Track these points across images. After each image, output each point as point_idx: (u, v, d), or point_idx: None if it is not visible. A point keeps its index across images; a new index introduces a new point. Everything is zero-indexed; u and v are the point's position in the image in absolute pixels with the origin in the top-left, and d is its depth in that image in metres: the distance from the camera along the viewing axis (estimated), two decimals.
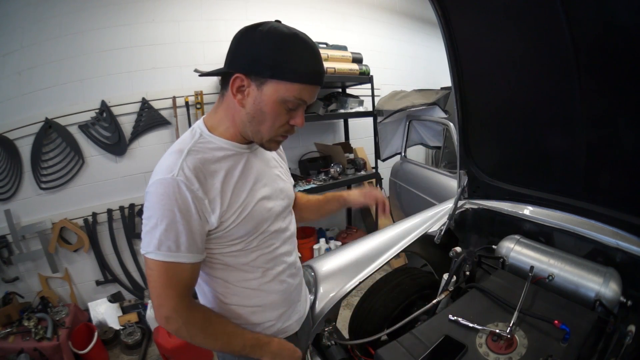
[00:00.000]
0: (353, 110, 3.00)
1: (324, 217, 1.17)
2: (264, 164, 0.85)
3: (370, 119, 3.07)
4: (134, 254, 2.61)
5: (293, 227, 0.96)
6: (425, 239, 1.46)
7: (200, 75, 0.82)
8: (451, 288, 1.13)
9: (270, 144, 0.77)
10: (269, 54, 0.66)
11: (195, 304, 0.77)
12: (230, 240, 0.77)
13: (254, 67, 0.67)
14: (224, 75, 0.73)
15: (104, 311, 2.41)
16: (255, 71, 0.67)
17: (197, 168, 0.70)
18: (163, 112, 2.54)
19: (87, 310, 2.41)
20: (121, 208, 2.50)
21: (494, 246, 1.26)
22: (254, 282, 0.84)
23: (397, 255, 1.37)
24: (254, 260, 0.82)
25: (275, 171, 0.89)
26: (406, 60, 4.10)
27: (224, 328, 0.79)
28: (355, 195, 1.12)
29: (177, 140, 0.77)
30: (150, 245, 0.68)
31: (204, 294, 0.87)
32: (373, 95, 3.02)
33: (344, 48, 2.96)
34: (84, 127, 2.33)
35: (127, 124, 2.45)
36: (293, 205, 0.97)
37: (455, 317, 0.90)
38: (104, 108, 2.35)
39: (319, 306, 1.16)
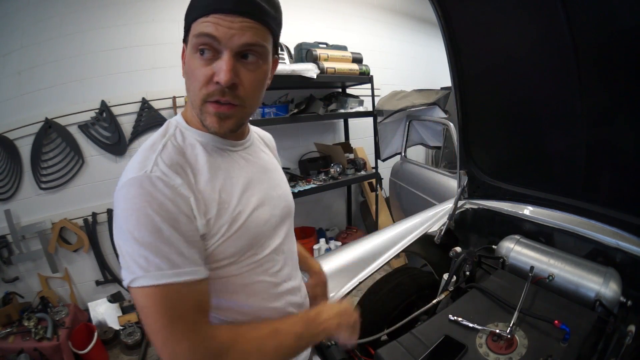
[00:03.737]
0: (353, 110, 3.00)
1: None
2: (258, 166, 0.71)
3: (370, 119, 3.07)
4: None
5: (293, 245, 0.80)
6: (425, 239, 1.46)
7: None
8: (451, 288, 1.13)
9: (207, 118, 0.58)
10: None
11: (212, 326, 0.57)
12: (217, 261, 0.60)
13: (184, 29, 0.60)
14: None
15: (103, 311, 2.40)
16: (184, 32, 0.60)
17: (175, 164, 0.56)
18: (163, 112, 2.54)
19: (87, 310, 2.41)
20: None
21: (494, 246, 1.26)
22: (250, 319, 0.66)
23: (397, 255, 1.37)
24: (249, 287, 0.65)
25: (273, 175, 0.75)
26: (406, 60, 4.10)
27: (260, 331, 0.60)
28: (312, 283, 0.94)
29: (150, 137, 0.63)
30: (135, 270, 0.50)
31: None
32: (373, 95, 3.02)
33: (344, 48, 2.96)
34: (84, 127, 2.33)
35: (127, 124, 2.45)
36: None
37: (455, 317, 0.90)
38: (104, 108, 2.35)
39: None
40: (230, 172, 0.64)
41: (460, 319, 0.89)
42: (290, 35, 2.81)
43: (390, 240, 1.41)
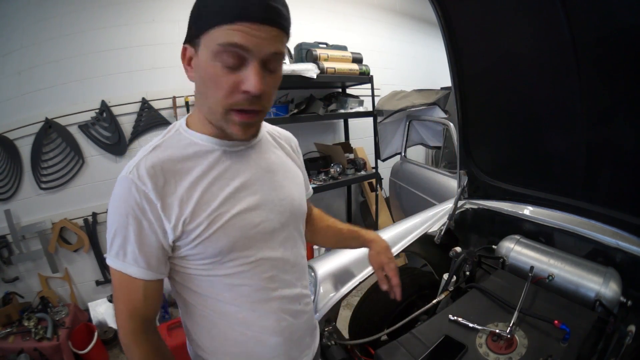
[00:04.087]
0: (353, 110, 3.00)
1: (334, 249, 1.01)
2: (260, 167, 0.68)
3: (370, 119, 3.07)
4: None
5: (299, 250, 0.76)
6: (425, 239, 1.46)
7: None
8: (451, 288, 1.13)
9: (230, 127, 0.58)
10: (193, 9, 0.55)
11: (147, 333, 0.63)
12: (199, 260, 0.62)
13: (192, 31, 0.56)
14: None
15: (104, 311, 2.40)
16: (191, 34, 0.57)
17: (156, 166, 0.59)
18: (163, 112, 2.54)
19: (87, 310, 2.41)
20: None
21: (494, 246, 1.26)
22: (238, 317, 0.67)
23: (397, 255, 1.37)
24: (235, 288, 0.65)
25: (279, 177, 0.71)
26: (406, 61, 4.10)
27: None
28: (374, 252, 0.91)
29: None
30: (108, 248, 0.62)
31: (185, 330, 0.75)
32: (373, 95, 3.02)
33: (344, 48, 2.96)
34: (84, 127, 2.33)
35: (127, 124, 2.45)
36: (308, 222, 0.81)
37: (455, 317, 0.90)
38: (104, 108, 2.35)
39: (319, 306, 1.16)
40: (224, 173, 0.63)
41: (460, 319, 0.89)
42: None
43: (390, 240, 1.40)
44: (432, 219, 1.54)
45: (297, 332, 0.75)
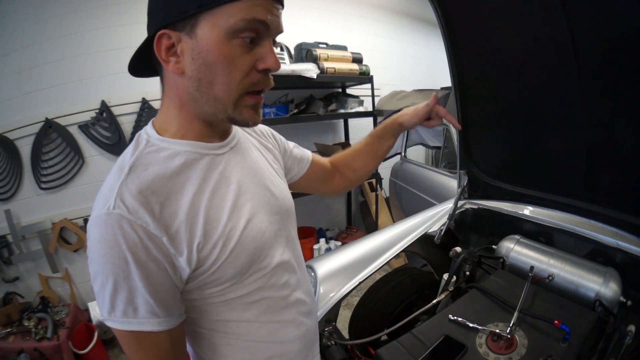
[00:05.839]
0: (353, 110, 3.01)
1: (383, 158, 0.97)
2: (247, 168, 0.62)
3: (370, 119, 3.07)
4: None
5: (299, 247, 0.72)
6: (425, 239, 1.46)
7: (131, 72, 0.61)
8: (451, 288, 1.13)
9: (243, 112, 0.52)
10: None
11: None
12: (216, 287, 0.55)
13: (173, 9, 0.47)
14: (148, 48, 0.54)
15: None
16: (177, 14, 0.47)
17: (144, 191, 0.48)
18: None
19: (87, 310, 2.41)
20: None
21: (494, 246, 1.26)
22: (262, 333, 0.62)
23: (397, 255, 1.37)
24: (258, 303, 0.60)
25: (265, 174, 0.66)
26: (406, 61, 4.10)
27: None
28: (409, 115, 0.90)
29: (121, 154, 0.54)
30: (104, 309, 0.48)
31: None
32: (373, 95, 3.02)
33: (344, 48, 2.96)
34: (84, 127, 2.33)
35: (127, 124, 2.45)
36: (335, 172, 0.84)
37: (455, 317, 0.90)
38: (104, 108, 2.35)
39: (319, 306, 1.16)
40: (219, 182, 0.55)
41: (460, 319, 0.89)
42: (290, 35, 2.81)
43: (390, 240, 1.41)
44: (432, 219, 1.54)
45: (311, 335, 0.73)
